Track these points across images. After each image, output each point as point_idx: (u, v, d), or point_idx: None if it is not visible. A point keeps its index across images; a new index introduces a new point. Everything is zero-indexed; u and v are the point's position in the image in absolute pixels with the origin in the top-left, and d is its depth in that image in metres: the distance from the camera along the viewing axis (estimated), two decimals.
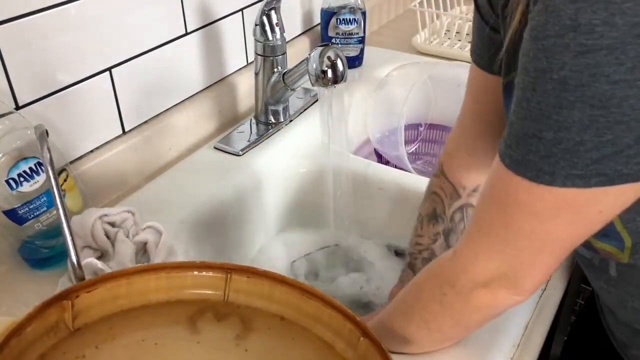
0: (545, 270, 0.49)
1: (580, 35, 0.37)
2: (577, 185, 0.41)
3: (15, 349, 0.43)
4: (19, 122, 0.65)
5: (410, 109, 1.00)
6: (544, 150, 0.41)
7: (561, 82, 0.39)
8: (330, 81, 0.78)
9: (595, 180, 0.41)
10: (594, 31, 0.37)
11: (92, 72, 0.77)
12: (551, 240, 0.46)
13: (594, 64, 0.37)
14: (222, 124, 1.00)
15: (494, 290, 0.51)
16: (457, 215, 0.73)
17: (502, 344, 0.62)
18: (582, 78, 0.38)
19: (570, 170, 0.41)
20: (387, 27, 1.44)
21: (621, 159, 0.40)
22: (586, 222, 0.45)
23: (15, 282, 0.69)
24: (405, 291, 0.61)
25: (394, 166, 1.03)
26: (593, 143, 0.39)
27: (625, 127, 0.38)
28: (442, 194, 0.74)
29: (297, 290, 0.51)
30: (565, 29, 0.38)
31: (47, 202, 0.67)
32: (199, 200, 0.82)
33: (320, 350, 0.49)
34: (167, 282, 0.51)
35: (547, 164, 0.41)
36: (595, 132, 0.39)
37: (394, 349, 0.60)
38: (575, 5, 0.37)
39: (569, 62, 0.38)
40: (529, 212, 0.45)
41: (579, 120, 0.39)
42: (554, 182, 0.42)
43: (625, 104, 0.38)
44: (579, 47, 0.38)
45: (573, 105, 0.39)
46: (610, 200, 0.43)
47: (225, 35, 0.97)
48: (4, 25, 0.66)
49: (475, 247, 0.51)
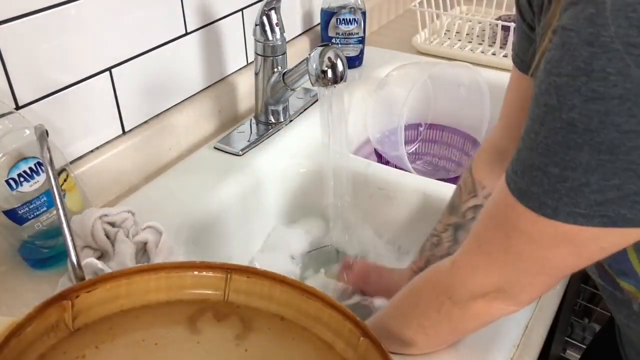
0: (543, 288, 0.49)
1: (593, 81, 0.36)
2: (580, 223, 0.40)
3: (15, 349, 0.43)
4: (19, 122, 0.65)
5: (410, 109, 1.00)
6: (548, 185, 0.40)
7: (570, 124, 0.38)
8: (330, 81, 0.78)
9: (598, 220, 0.40)
10: (608, 79, 0.36)
11: (92, 72, 0.77)
12: (549, 266, 0.46)
13: (604, 111, 0.36)
14: (222, 124, 1.00)
15: (490, 302, 0.51)
16: (470, 213, 0.73)
17: (502, 344, 0.62)
18: (591, 123, 0.37)
19: (573, 208, 0.40)
20: (387, 27, 1.44)
21: (626, 203, 0.39)
22: (587, 256, 0.45)
23: (15, 282, 0.69)
24: (402, 296, 0.61)
25: (394, 166, 1.03)
26: (598, 186, 0.38)
27: (632, 175, 0.38)
28: (464, 187, 0.74)
29: (297, 290, 0.51)
30: (579, 71, 0.37)
31: (47, 202, 0.67)
32: (199, 200, 0.82)
33: (320, 350, 0.49)
34: (167, 282, 0.51)
35: (550, 199, 0.41)
36: (601, 176, 0.38)
37: (392, 350, 0.60)
38: (591, 50, 0.36)
39: (579, 106, 0.37)
40: (529, 240, 0.44)
41: (586, 162, 0.38)
42: (557, 217, 0.41)
43: (634, 152, 0.37)
44: (590, 93, 0.37)
45: (581, 147, 0.38)
46: (613, 239, 0.42)
47: (225, 35, 0.97)
48: (4, 25, 0.66)
49: (475, 262, 0.50)
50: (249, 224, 0.90)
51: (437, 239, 0.76)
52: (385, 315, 0.62)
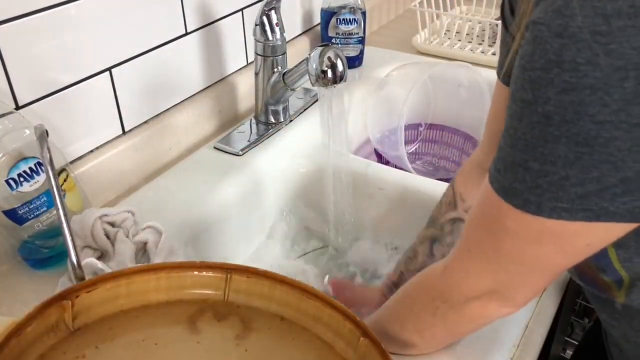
0: (537, 288, 0.49)
1: (564, 72, 0.37)
2: (564, 217, 0.40)
3: (15, 349, 0.43)
4: (19, 122, 0.65)
5: (410, 109, 1.00)
6: (530, 181, 0.41)
7: (546, 117, 0.38)
8: (330, 81, 0.78)
9: (582, 215, 0.40)
10: (578, 69, 0.36)
11: (92, 72, 0.77)
12: (541, 265, 0.46)
13: (577, 102, 0.37)
14: (222, 124, 1.00)
15: (486, 303, 0.51)
16: (448, 225, 0.73)
17: (502, 344, 0.62)
18: (566, 115, 0.37)
19: (556, 203, 0.40)
20: (387, 27, 1.44)
21: (607, 196, 0.39)
22: (574, 253, 0.45)
23: (15, 282, 0.69)
24: (396, 300, 0.61)
25: (394, 166, 1.03)
26: (578, 179, 0.38)
27: (611, 167, 0.38)
28: (444, 201, 0.74)
29: (297, 290, 0.51)
30: (550, 63, 0.37)
31: (47, 202, 0.67)
32: (199, 200, 0.82)
33: (320, 350, 0.49)
34: (167, 282, 0.51)
35: (533, 195, 0.41)
36: (580, 169, 0.38)
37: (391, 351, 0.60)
38: (561, 41, 0.36)
39: (553, 98, 0.37)
40: (517, 238, 0.44)
41: (564, 155, 0.38)
42: (540, 212, 0.41)
43: (611, 144, 0.37)
44: (563, 84, 0.37)
45: (558, 140, 0.38)
46: (598, 235, 0.42)
47: (225, 35, 0.97)
48: (4, 25, 0.66)
49: (466, 265, 0.50)
50: (249, 224, 0.90)
51: (413, 252, 0.76)
52: (382, 317, 0.62)
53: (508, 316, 0.53)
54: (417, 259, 0.75)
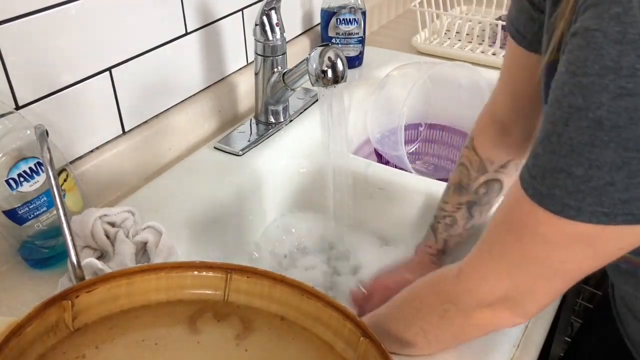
0: (552, 295, 0.49)
1: (621, 78, 0.37)
2: (602, 222, 0.40)
3: (15, 349, 0.43)
4: (19, 122, 0.65)
5: (410, 109, 1.00)
6: (572, 187, 0.41)
7: (597, 122, 0.38)
8: (330, 81, 0.78)
9: (622, 218, 0.40)
10: (636, 75, 0.36)
11: (92, 72, 0.77)
12: (564, 269, 0.46)
13: (633, 107, 0.37)
14: (222, 124, 1.00)
15: (496, 312, 0.51)
16: (482, 189, 0.73)
17: (502, 344, 0.62)
18: (619, 120, 0.38)
19: (596, 208, 0.40)
20: (387, 27, 1.44)
21: None
22: (604, 256, 0.45)
23: (15, 282, 0.69)
24: (404, 299, 0.61)
25: (394, 166, 1.03)
26: (624, 184, 0.39)
27: None
28: (470, 166, 0.74)
29: (297, 290, 0.51)
30: (606, 69, 0.37)
31: (47, 202, 0.67)
32: (199, 200, 0.82)
33: (320, 350, 0.49)
34: (167, 282, 0.51)
35: (573, 200, 0.41)
36: (627, 174, 0.38)
37: (391, 350, 0.60)
38: (620, 47, 0.37)
39: (607, 103, 0.38)
40: (546, 242, 0.44)
41: (612, 160, 0.38)
42: (579, 217, 0.41)
43: None
44: (619, 90, 0.37)
45: (607, 145, 0.38)
46: (632, 239, 0.43)
47: (225, 35, 0.97)
48: (4, 25, 0.66)
49: (484, 269, 0.50)
50: (249, 224, 0.90)
51: (451, 219, 0.76)
52: (385, 315, 0.62)
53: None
54: (457, 224, 0.76)
